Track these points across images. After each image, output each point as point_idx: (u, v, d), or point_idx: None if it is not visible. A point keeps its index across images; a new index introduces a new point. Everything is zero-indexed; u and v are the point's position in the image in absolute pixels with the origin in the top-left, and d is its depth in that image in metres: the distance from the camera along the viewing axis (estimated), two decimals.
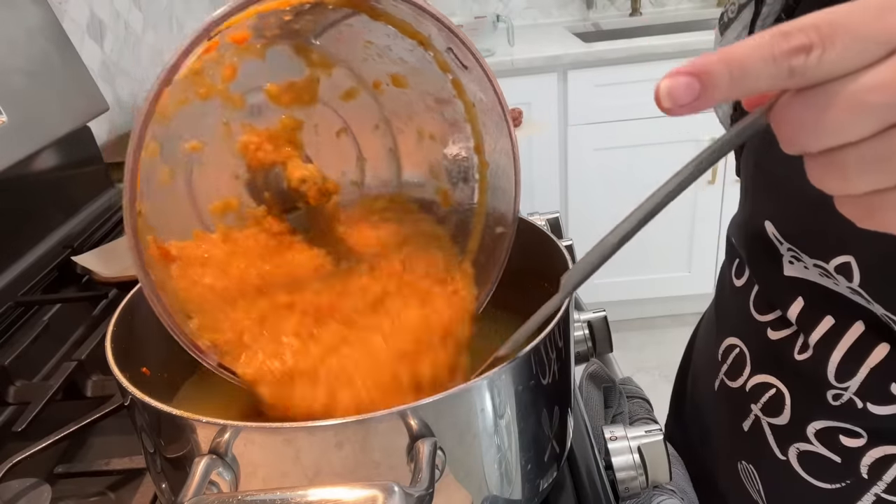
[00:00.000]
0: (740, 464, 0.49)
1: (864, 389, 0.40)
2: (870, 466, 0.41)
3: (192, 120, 0.38)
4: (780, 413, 0.45)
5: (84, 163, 0.96)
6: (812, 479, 0.44)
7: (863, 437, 0.41)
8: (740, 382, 0.49)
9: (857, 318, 0.40)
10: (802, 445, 0.44)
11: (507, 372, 0.33)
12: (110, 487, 0.47)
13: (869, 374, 0.40)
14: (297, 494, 0.27)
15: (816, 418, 0.43)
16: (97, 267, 0.73)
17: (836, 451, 0.42)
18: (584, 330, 0.49)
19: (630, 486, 0.43)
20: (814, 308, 0.42)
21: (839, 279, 0.38)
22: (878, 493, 0.41)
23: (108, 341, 0.38)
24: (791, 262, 0.42)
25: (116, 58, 1.35)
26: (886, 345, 0.39)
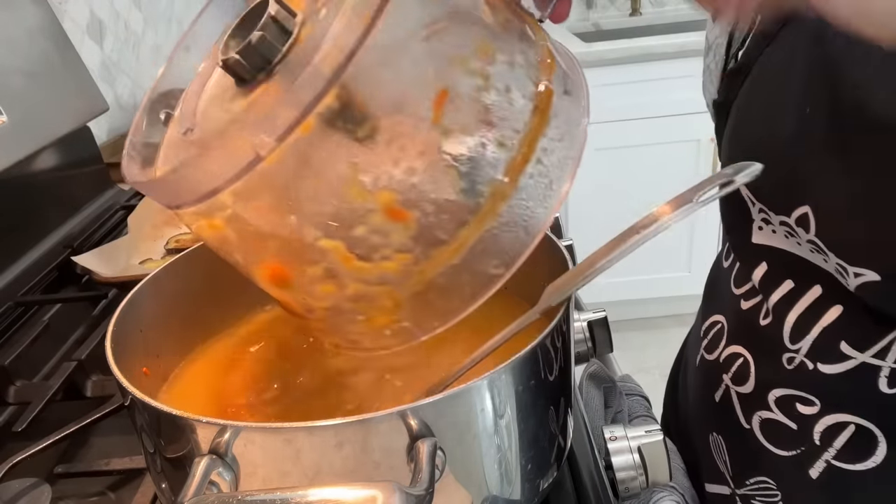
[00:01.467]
0: (711, 436, 0.51)
1: (814, 350, 0.42)
2: (822, 433, 0.43)
3: None
4: (746, 381, 0.47)
5: (84, 163, 0.96)
6: (772, 446, 0.46)
7: (816, 404, 0.43)
8: (716, 355, 0.51)
9: (816, 282, 0.41)
10: (764, 413, 0.46)
11: (507, 372, 0.33)
12: (110, 487, 0.47)
13: (821, 334, 0.41)
14: (297, 494, 0.27)
15: (776, 386, 0.45)
16: (97, 267, 0.73)
17: (792, 419, 0.44)
18: (584, 330, 0.49)
19: (630, 486, 0.43)
20: (776, 272, 0.44)
21: (799, 232, 0.40)
22: (829, 460, 0.43)
23: (108, 341, 0.38)
24: (760, 227, 0.44)
25: (116, 58, 1.35)
26: (840, 306, 0.40)
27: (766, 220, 0.43)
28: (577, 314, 0.49)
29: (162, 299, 0.45)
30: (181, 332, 0.48)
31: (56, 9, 1.04)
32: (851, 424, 0.42)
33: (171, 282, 0.46)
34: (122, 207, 0.92)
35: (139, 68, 1.45)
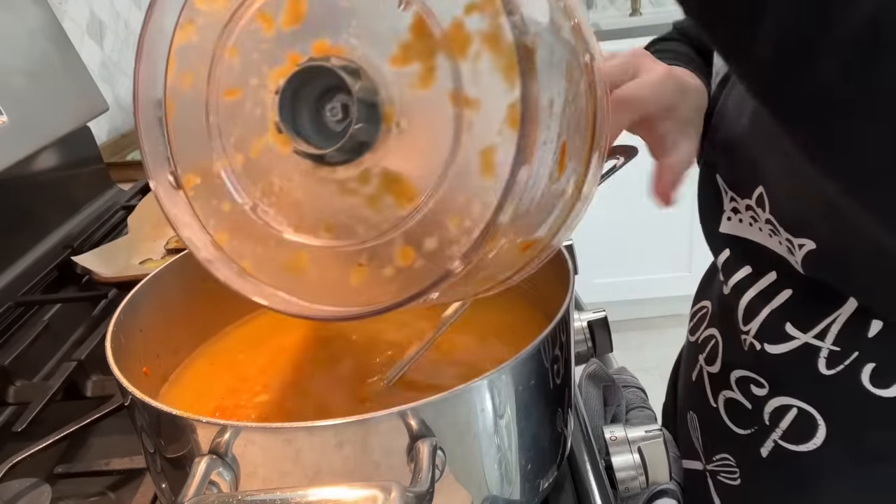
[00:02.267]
0: (689, 414, 0.54)
1: (762, 331, 0.45)
2: (770, 414, 0.46)
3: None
4: (715, 362, 0.51)
5: (84, 163, 0.96)
6: (732, 425, 0.49)
7: (765, 386, 0.46)
8: (696, 336, 0.55)
9: (772, 268, 0.45)
10: (728, 393, 0.49)
11: (507, 372, 0.33)
12: (110, 487, 0.47)
13: (769, 316, 0.44)
14: (297, 494, 0.27)
15: (736, 367, 0.48)
16: (97, 267, 0.73)
17: (748, 399, 0.47)
18: (584, 330, 0.49)
19: (630, 486, 0.43)
20: (736, 258, 0.48)
21: (759, 213, 0.44)
22: (776, 440, 0.45)
23: (108, 341, 0.38)
24: (729, 217, 0.49)
25: (116, 58, 1.36)
26: (790, 290, 0.44)
27: (736, 208, 0.47)
28: (577, 314, 0.49)
29: (162, 299, 0.45)
30: (181, 332, 0.48)
31: (56, 9, 1.05)
32: (795, 407, 0.44)
33: (171, 282, 0.46)
34: (122, 207, 0.92)
35: None
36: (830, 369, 0.42)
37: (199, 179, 0.34)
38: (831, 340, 0.42)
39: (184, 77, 0.33)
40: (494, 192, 0.28)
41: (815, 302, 0.42)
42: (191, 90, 0.33)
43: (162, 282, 0.45)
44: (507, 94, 0.28)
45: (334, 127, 0.30)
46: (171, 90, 0.33)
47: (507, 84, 0.28)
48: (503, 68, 0.28)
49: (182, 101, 0.33)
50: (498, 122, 0.28)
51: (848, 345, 0.41)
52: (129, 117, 1.37)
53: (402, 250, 0.32)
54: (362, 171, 0.31)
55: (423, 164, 0.30)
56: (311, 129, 0.31)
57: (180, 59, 0.32)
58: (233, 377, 0.46)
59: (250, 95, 0.32)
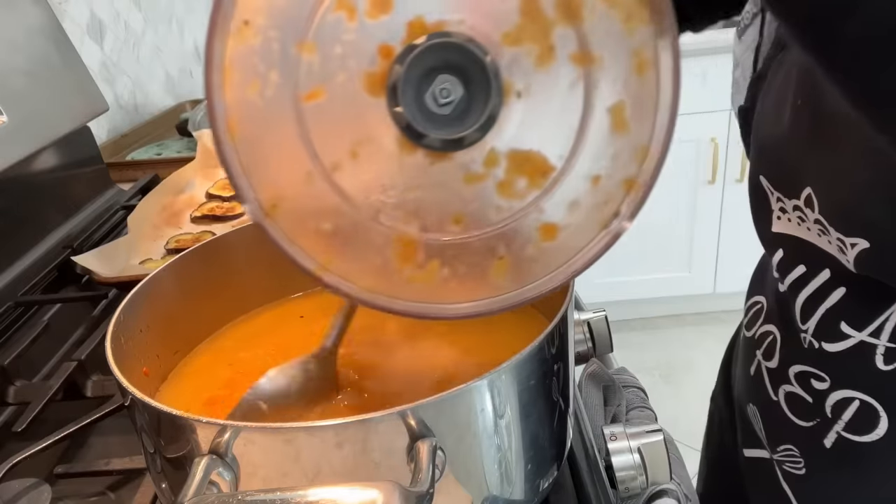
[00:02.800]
0: (749, 406, 0.55)
1: (819, 330, 0.46)
2: (832, 407, 0.47)
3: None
4: (773, 357, 0.52)
5: (84, 163, 0.96)
6: (794, 417, 0.50)
7: (826, 380, 0.47)
8: (753, 332, 0.56)
9: (825, 266, 0.46)
10: (787, 387, 0.50)
11: (507, 372, 0.33)
12: (110, 487, 0.47)
13: (824, 315, 0.46)
14: (297, 494, 0.27)
15: (795, 362, 0.49)
16: (97, 267, 0.73)
17: (809, 393, 0.48)
18: (584, 330, 0.49)
19: (630, 486, 0.43)
20: (790, 258, 0.48)
21: (807, 213, 0.45)
22: (839, 431, 0.47)
23: (108, 341, 0.38)
24: (778, 217, 0.49)
25: (116, 58, 1.36)
26: (843, 289, 0.45)
27: (783, 208, 0.48)
28: (577, 314, 0.49)
29: (162, 299, 0.45)
30: (181, 332, 0.48)
31: (56, 9, 1.05)
32: (857, 399, 0.45)
33: (171, 282, 0.46)
34: (122, 207, 0.92)
35: (139, 68, 1.45)
36: (888, 365, 0.43)
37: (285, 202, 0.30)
38: (886, 338, 0.43)
39: (248, 87, 0.29)
40: (652, 138, 0.29)
41: (868, 300, 0.43)
42: (259, 100, 0.29)
43: (162, 282, 0.45)
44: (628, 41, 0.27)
45: (439, 111, 0.29)
46: (233, 105, 0.29)
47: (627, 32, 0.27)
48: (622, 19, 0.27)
49: (249, 116, 0.29)
50: (624, 73, 0.28)
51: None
52: (129, 117, 1.37)
53: (544, 227, 0.31)
54: (489, 154, 0.30)
55: (550, 134, 0.30)
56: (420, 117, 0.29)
57: (240, 67, 0.28)
58: (233, 376, 0.46)
59: (338, 94, 0.29)
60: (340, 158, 0.30)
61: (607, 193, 0.31)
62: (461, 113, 0.29)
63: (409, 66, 0.28)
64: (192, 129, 1.16)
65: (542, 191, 0.30)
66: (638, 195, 0.31)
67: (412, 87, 0.28)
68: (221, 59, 0.28)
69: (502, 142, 0.30)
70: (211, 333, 0.50)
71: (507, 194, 0.30)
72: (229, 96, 0.28)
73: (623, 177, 0.30)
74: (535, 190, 0.30)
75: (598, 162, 0.30)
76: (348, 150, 0.30)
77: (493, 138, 0.29)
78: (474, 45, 0.28)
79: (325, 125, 0.29)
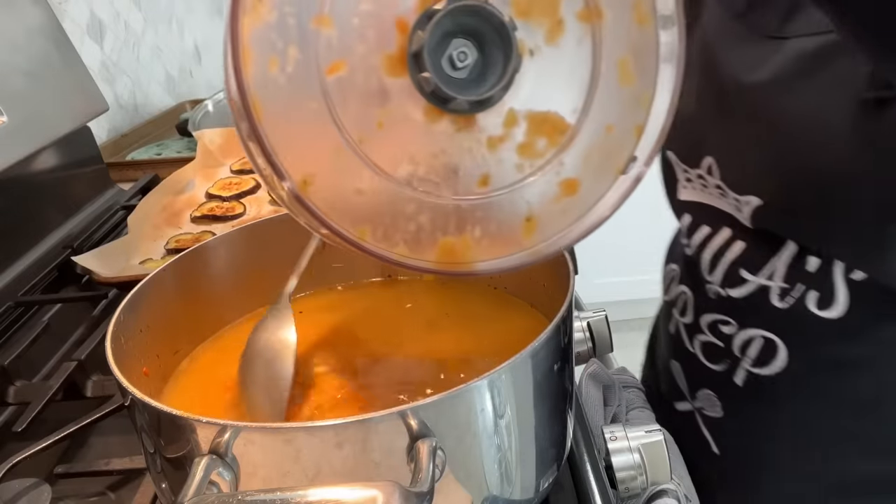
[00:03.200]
0: (672, 363, 0.61)
1: (724, 279, 0.53)
2: (739, 347, 0.53)
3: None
4: (687, 313, 0.58)
5: (84, 163, 0.96)
6: (709, 363, 0.56)
7: (733, 324, 0.53)
8: (670, 295, 0.62)
9: (725, 225, 0.53)
10: (702, 337, 0.56)
11: (508, 372, 0.33)
12: (110, 487, 0.47)
13: (727, 266, 0.52)
14: (297, 494, 0.27)
15: (706, 312, 0.56)
16: (97, 267, 0.73)
17: (719, 338, 0.55)
18: (584, 330, 0.49)
19: (630, 486, 0.43)
20: (696, 221, 0.56)
21: (709, 180, 0.52)
22: (747, 368, 0.53)
23: (108, 341, 0.38)
24: (685, 186, 0.56)
25: (116, 58, 1.36)
26: (742, 243, 0.51)
27: (689, 178, 0.55)
28: (577, 314, 0.49)
29: (162, 299, 0.45)
30: (181, 332, 0.48)
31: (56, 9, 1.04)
32: (759, 336, 0.52)
33: (171, 282, 0.46)
34: (122, 207, 0.92)
35: (139, 68, 1.45)
36: (782, 302, 0.49)
37: (317, 177, 0.30)
38: (780, 278, 0.49)
39: (268, 65, 0.28)
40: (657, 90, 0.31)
41: (762, 249, 0.50)
42: (281, 78, 0.28)
43: (162, 282, 0.45)
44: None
45: (456, 74, 0.29)
46: (254, 84, 0.28)
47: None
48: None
49: (272, 95, 0.29)
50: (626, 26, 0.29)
51: (793, 280, 0.49)
52: (129, 117, 1.37)
53: (566, 182, 0.32)
54: (508, 115, 0.31)
55: (563, 90, 0.31)
56: (442, 82, 0.29)
57: (258, 44, 0.28)
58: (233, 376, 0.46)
59: (360, 66, 0.29)
60: (367, 130, 0.30)
61: (620, 140, 0.32)
62: (478, 76, 0.30)
63: (431, 32, 0.28)
64: (192, 129, 1.16)
65: (559, 147, 0.32)
66: (651, 140, 0.32)
67: (432, 53, 0.29)
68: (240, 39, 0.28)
69: (519, 102, 0.31)
70: (211, 333, 0.50)
71: (529, 153, 0.32)
72: (250, 76, 0.28)
73: (633, 124, 0.32)
74: (554, 147, 0.31)
75: (608, 113, 0.32)
76: (375, 122, 0.30)
77: (512, 99, 0.30)
78: (491, 6, 0.29)
79: (349, 98, 0.29)
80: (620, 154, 0.32)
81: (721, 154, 0.50)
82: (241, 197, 0.89)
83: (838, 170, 0.42)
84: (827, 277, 0.47)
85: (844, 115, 0.41)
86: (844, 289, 0.47)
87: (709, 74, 0.50)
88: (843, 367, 0.49)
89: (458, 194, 0.32)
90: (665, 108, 0.32)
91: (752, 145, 0.47)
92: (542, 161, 0.32)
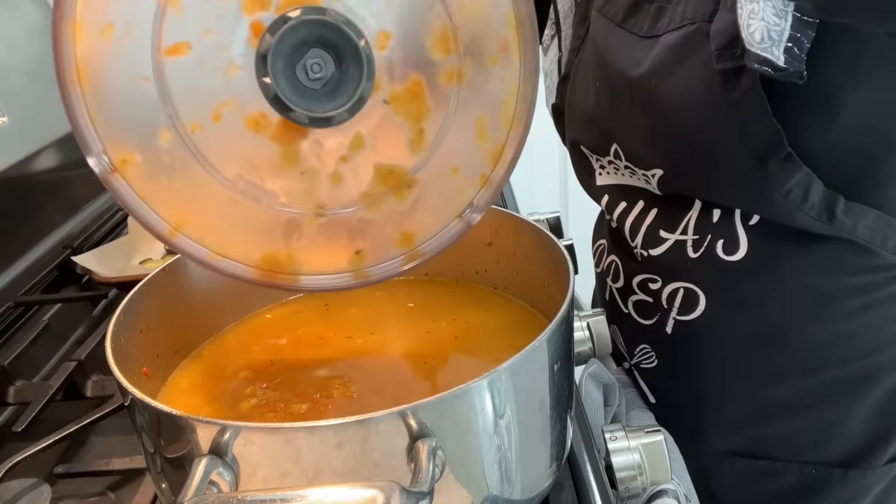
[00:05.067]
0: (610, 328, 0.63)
1: (645, 241, 0.60)
2: (666, 299, 0.60)
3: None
4: (619, 279, 0.65)
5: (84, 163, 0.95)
6: (641, 319, 0.63)
7: (658, 280, 0.60)
8: (602, 267, 0.70)
9: (639, 198, 0.61)
10: (633, 297, 0.63)
11: (507, 372, 0.33)
12: (110, 487, 0.47)
13: (646, 229, 0.60)
14: (297, 494, 0.27)
15: (635, 274, 0.62)
16: (97, 267, 0.73)
17: (649, 294, 0.62)
18: (584, 330, 0.49)
19: (630, 486, 0.43)
20: (613, 199, 0.64)
21: (618, 163, 0.60)
22: (674, 317, 0.60)
23: (108, 341, 0.38)
24: (599, 173, 0.65)
25: None
26: (656, 209, 0.59)
27: (602, 165, 0.63)
28: (578, 314, 0.49)
29: (162, 299, 0.45)
30: (181, 331, 0.48)
31: None
32: (681, 288, 0.59)
33: (172, 282, 0.46)
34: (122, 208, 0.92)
35: None
36: (696, 253, 0.57)
37: (139, 157, 0.29)
38: (691, 233, 0.57)
39: (102, 32, 0.27)
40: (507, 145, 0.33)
41: (674, 210, 0.58)
42: (114, 48, 0.27)
43: (162, 282, 0.45)
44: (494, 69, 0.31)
45: (310, 84, 0.29)
46: (86, 52, 0.27)
47: (493, 61, 0.31)
48: (492, 51, 0.31)
49: (102, 65, 0.27)
50: (489, 86, 0.31)
51: (702, 232, 0.56)
52: None
53: (403, 230, 0.34)
54: (354, 138, 0.30)
55: (413, 141, 0.32)
56: (290, 90, 0.29)
57: (93, 10, 0.27)
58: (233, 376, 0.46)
59: (204, 53, 0.28)
60: (202, 119, 0.29)
61: (462, 186, 0.33)
62: (332, 90, 0.29)
63: (280, 38, 0.28)
64: None
65: (400, 196, 0.32)
66: (491, 189, 0.34)
67: (283, 59, 0.28)
68: (73, 4, 0.26)
69: (369, 133, 0.30)
70: (212, 333, 0.50)
71: (369, 198, 0.32)
72: (82, 42, 0.27)
73: (479, 172, 0.34)
74: (397, 197, 0.32)
75: (457, 158, 0.33)
76: (211, 112, 0.29)
77: (360, 124, 0.30)
78: (350, 27, 0.28)
79: (187, 83, 0.28)
80: (461, 199, 0.34)
81: (623, 139, 0.58)
82: None
83: (714, 131, 0.50)
84: (729, 225, 0.55)
85: (710, 88, 0.48)
86: (744, 233, 0.55)
87: (604, 74, 0.58)
88: (749, 304, 0.57)
89: (287, 206, 0.31)
90: (509, 160, 0.33)
91: (646, 127, 0.55)
92: (381, 202, 0.32)
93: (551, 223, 0.71)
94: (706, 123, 0.50)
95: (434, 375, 0.44)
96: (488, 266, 0.52)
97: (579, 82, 0.63)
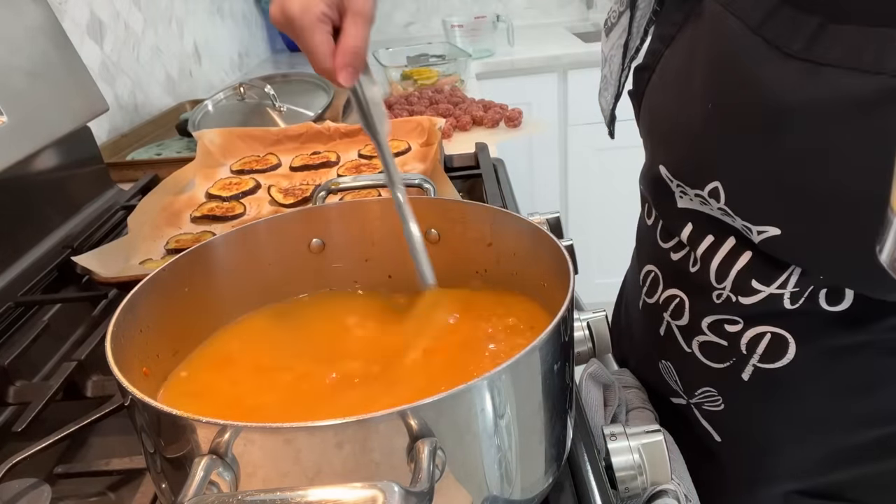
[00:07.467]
0: (661, 363, 0.61)
1: (734, 287, 0.53)
2: (746, 344, 0.54)
3: None
4: (683, 316, 0.58)
5: (84, 163, 0.96)
6: (710, 362, 0.57)
7: (739, 323, 0.53)
8: (655, 298, 0.62)
9: (730, 234, 0.52)
10: (701, 337, 0.57)
11: (507, 372, 0.33)
12: (110, 487, 0.47)
13: (736, 275, 0.52)
14: (297, 494, 0.27)
15: (707, 315, 0.55)
16: (97, 267, 0.73)
17: (723, 337, 0.55)
18: (584, 330, 0.49)
19: (630, 486, 0.43)
20: (698, 230, 0.55)
21: (711, 202, 0.51)
22: (755, 364, 0.54)
23: (108, 341, 0.38)
24: (680, 196, 0.55)
25: (116, 58, 1.36)
26: (749, 252, 0.51)
27: (683, 192, 0.54)
28: (578, 314, 0.49)
29: (162, 299, 0.45)
30: (181, 331, 0.48)
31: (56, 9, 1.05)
32: (768, 333, 0.52)
33: (171, 282, 0.46)
34: (122, 207, 0.92)
35: (139, 68, 1.45)
36: (794, 304, 0.51)
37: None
38: (791, 286, 0.50)
39: None
40: None
41: (772, 261, 0.50)
42: None
43: (162, 282, 0.45)
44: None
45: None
46: None
47: None
48: None
49: None
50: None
51: (803, 285, 0.50)
52: (129, 117, 1.37)
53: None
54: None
55: None
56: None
57: None
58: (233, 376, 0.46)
59: None
60: None
61: None
62: None
63: None
64: (191, 129, 1.16)
65: None
66: None
67: None
68: None
69: None
70: (211, 333, 0.50)
71: None
72: None
73: None
74: None
75: None
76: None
77: None
78: None
79: None
80: None
81: (731, 181, 0.48)
82: (241, 197, 0.89)
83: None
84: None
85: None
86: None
87: (725, 92, 0.46)
88: (843, 353, 0.51)
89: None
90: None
91: (775, 172, 0.45)
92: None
93: (551, 223, 0.71)
94: (865, 187, 0.40)
95: (434, 375, 0.44)
96: (488, 266, 0.52)
97: (670, 86, 0.53)
